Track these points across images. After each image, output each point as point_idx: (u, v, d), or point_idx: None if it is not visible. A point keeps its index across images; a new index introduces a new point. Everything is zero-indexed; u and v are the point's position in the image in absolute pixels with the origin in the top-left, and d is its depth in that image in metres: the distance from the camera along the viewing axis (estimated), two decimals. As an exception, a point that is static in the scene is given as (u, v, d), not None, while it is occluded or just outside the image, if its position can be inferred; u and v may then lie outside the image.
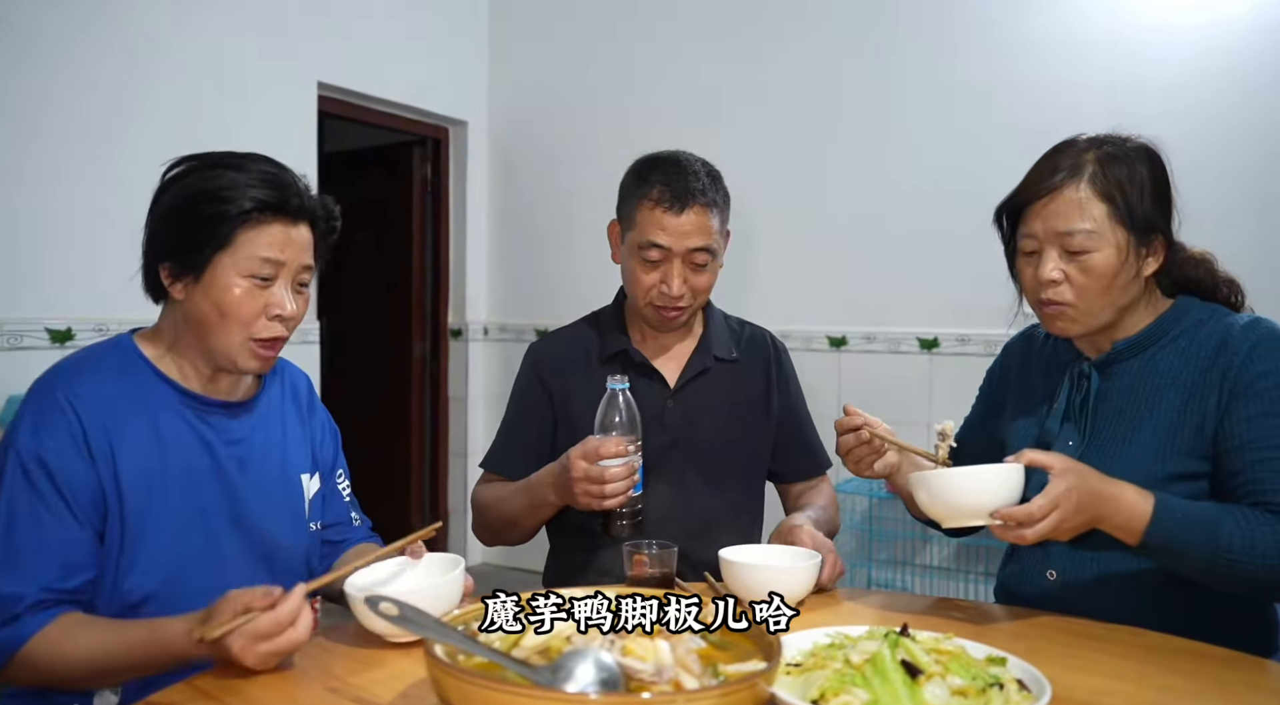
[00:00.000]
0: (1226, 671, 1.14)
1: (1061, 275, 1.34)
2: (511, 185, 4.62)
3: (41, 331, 2.89)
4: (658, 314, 1.71)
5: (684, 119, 4.03)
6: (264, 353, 1.31)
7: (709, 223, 1.66)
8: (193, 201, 1.26)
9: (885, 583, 3.52)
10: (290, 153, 3.58)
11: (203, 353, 1.32)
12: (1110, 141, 1.37)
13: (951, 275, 3.43)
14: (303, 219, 1.31)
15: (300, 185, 1.32)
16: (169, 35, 3.20)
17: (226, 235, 1.25)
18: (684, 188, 1.64)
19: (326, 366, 3.86)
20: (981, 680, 0.95)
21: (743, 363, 1.80)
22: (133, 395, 1.29)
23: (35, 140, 2.85)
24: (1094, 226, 1.31)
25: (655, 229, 1.64)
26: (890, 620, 1.21)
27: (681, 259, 1.65)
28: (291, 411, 1.47)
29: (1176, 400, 1.35)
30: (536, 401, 1.79)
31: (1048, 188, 1.34)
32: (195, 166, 1.30)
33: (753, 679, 0.83)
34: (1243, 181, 3.05)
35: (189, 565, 1.29)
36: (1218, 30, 3.12)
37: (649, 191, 1.66)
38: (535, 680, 0.86)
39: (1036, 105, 3.30)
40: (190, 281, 1.27)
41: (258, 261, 1.26)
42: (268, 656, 1.07)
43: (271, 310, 1.29)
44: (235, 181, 1.26)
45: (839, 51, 3.75)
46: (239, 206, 1.24)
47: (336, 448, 1.56)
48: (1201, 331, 1.37)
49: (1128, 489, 1.24)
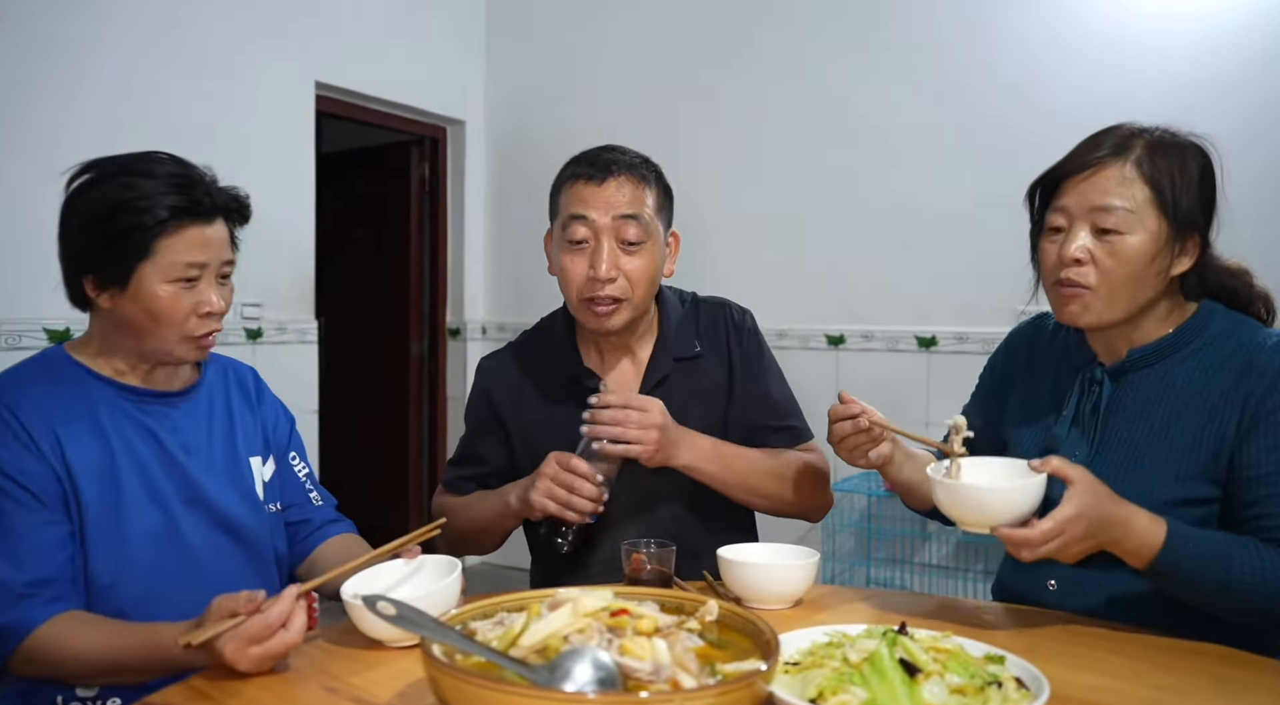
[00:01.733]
0: (1225, 669, 1.14)
1: (1087, 255, 1.28)
2: (509, 184, 4.62)
3: (40, 331, 2.89)
4: (590, 312, 1.56)
5: (681, 117, 4.03)
6: (201, 344, 1.36)
7: (639, 195, 1.55)
8: (108, 214, 1.27)
9: (884, 581, 3.52)
10: (288, 152, 3.64)
11: (137, 351, 1.36)
12: (1163, 131, 1.31)
13: (949, 274, 3.43)
14: (217, 216, 1.33)
15: (209, 183, 1.34)
16: (166, 35, 3.20)
17: (147, 245, 1.27)
18: (606, 160, 1.57)
19: (324, 366, 3.86)
20: (980, 679, 0.95)
21: (705, 355, 1.68)
22: (70, 397, 1.32)
23: (32, 140, 2.85)
24: (1132, 206, 1.25)
25: (577, 201, 1.55)
26: (888, 619, 1.21)
27: (611, 235, 1.53)
28: (238, 400, 1.50)
29: (1194, 422, 1.29)
30: (491, 430, 1.71)
31: (1091, 161, 1.28)
32: (102, 176, 1.31)
33: (751, 678, 0.83)
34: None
35: (153, 545, 1.32)
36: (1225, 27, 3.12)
37: (573, 170, 1.59)
38: (533, 680, 0.86)
39: (1037, 105, 3.30)
40: (116, 292, 1.30)
41: (181, 266, 1.29)
42: (261, 660, 1.07)
43: (201, 308, 1.32)
44: (147, 190, 1.27)
45: (837, 50, 3.75)
46: (155, 216, 1.26)
47: (291, 431, 1.59)
48: (1226, 346, 1.30)
49: (1141, 515, 1.20)
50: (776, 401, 1.70)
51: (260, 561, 1.44)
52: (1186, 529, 1.22)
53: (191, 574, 1.34)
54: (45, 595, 1.21)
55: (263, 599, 1.09)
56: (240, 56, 3.45)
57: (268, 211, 3.57)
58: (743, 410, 1.68)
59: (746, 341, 1.71)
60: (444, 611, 1.13)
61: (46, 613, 1.20)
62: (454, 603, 1.21)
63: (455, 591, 1.22)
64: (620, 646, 0.90)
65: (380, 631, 1.17)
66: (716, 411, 1.67)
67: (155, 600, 1.30)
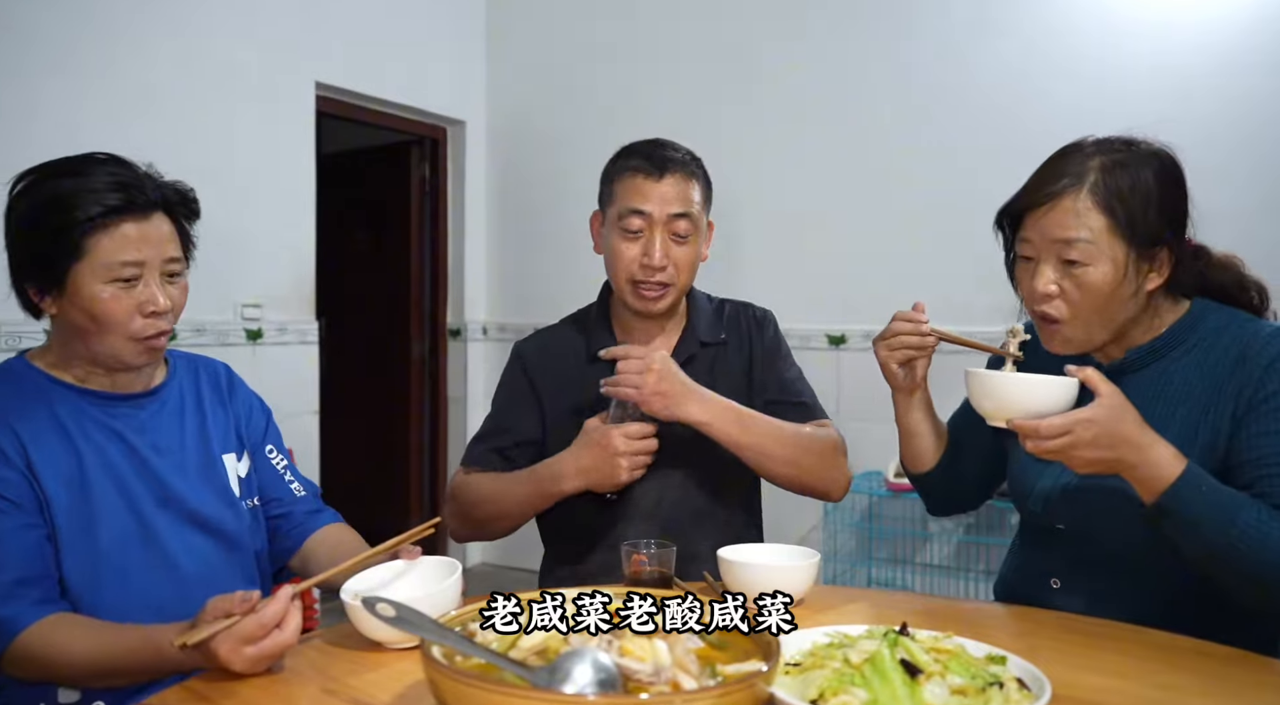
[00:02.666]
0: (1229, 669, 1.13)
1: (1057, 289, 1.29)
2: (510, 185, 4.61)
3: (40, 334, 2.88)
4: (638, 293, 1.68)
5: (682, 118, 4.01)
6: (150, 346, 1.32)
7: (689, 192, 1.67)
8: (37, 215, 1.25)
9: (885, 582, 3.52)
10: (288, 153, 3.64)
11: (90, 357, 1.33)
12: (1118, 146, 1.30)
13: (951, 273, 3.42)
14: (154, 210, 1.29)
15: (144, 178, 1.30)
16: (166, 36, 3.20)
17: (77, 244, 1.23)
18: (663, 157, 1.67)
19: (325, 367, 3.86)
20: (981, 679, 0.94)
21: (729, 344, 1.77)
22: (34, 404, 1.30)
23: (32, 141, 2.84)
24: (1092, 237, 1.26)
25: (635, 195, 1.65)
26: (889, 619, 1.21)
27: (663, 228, 1.65)
28: (210, 397, 1.48)
29: (1189, 415, 1.29)
30: (526, 401, 1.78)
31: (1047, 195, 1.29)
32: (36, 179, 1.29)
33: (751, 679, 0.83)
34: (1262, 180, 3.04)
35: (125, 548, 1.30)
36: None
37: (628, 163, 1.69)
38: (533, 681, 0.85)
39: (1040, 103, 3.30)
40: (56, 295, 1.27)
41: (116, 265, 1.25)
42: (256, 660, 1.07)
43: (145, 308, 1.28)
44: (77, 188, 1.24)
45: (838, 50, 3.75)
46: (85, 213, 1.23)
47: (267, 423, 1.56)
48: (1220, 340, 1.31)
49: (1164, 447, 1.19)
50: (791, 381, 1.78)
51: (241, 559, 1.42)
52: (1204, 474, 1.20)
53: (170, 575, 1.33)
54: (32, 596, 1.20)
55: (257, 599, 1.08)
56: (240, 57, 3.45)
57: (268, 212, 3.61)
58: (760, 394, 1.75)
59: (769, 336, 1.81)
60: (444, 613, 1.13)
61: (36, 613, 1.19)
62: (454, 604, 1.21)
63: (455, 593, 1.21)
64: (620, 648, 0.89)
65: (380, 633, 1.16)
66: (738, 397, 1.70)
67: (132, 604, 1.28)
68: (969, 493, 1.63)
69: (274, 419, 1.59)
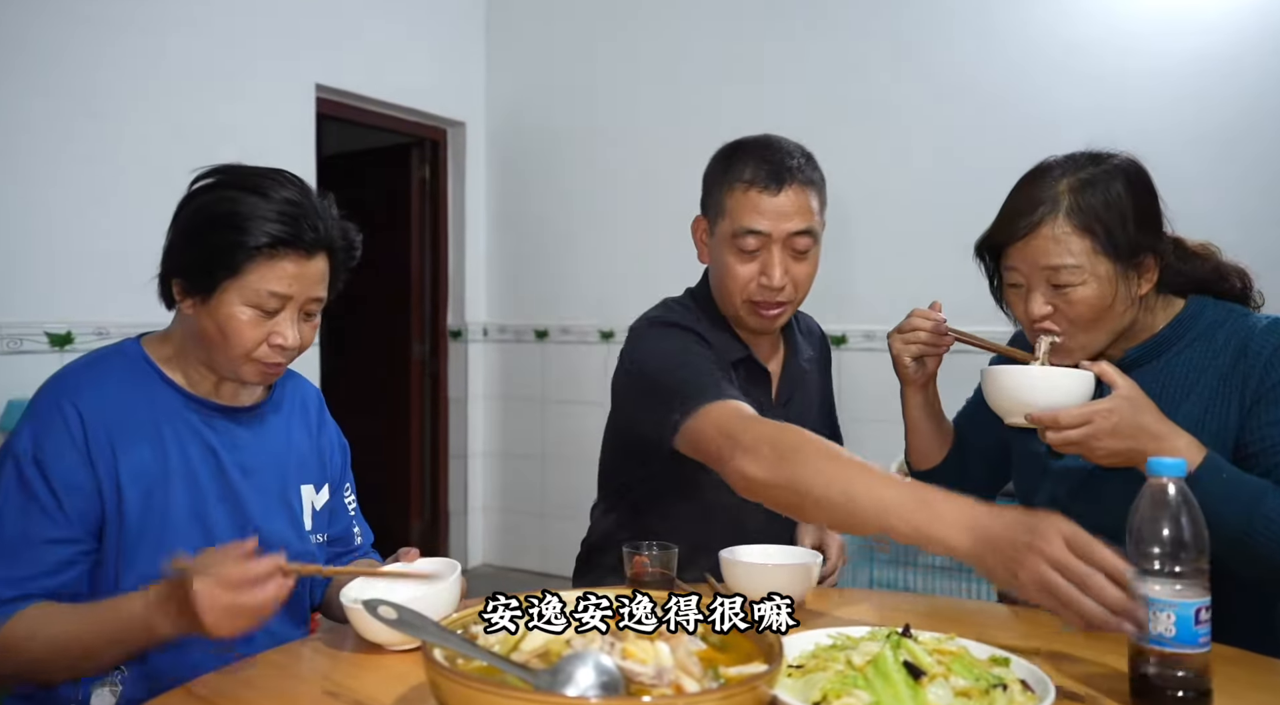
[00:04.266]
0: (1232, 669, 1.13)
1: (1051, 310, 1.32)
2: (510, 186, 4.61)
3: (41, 335, 2.89)
4: (755, 313, 1.56)
5: (682, 119, 4.02)
6: (266, 372, 1.32)
7: (809, 202, 1.52)
8: (209, 225, 1.25)
9: (887, 582, 3.51)
10: (288, 155, 3.63)
11: (206, 363, 1.33)
12: (1084, 163, 1.32)
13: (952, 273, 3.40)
14: (319, 250, 1.30)
15: (321, 214, 1.30)
16: (167, 37, 3.20)
17: (238, 265, 1.24)
18: (779, 165, 1.51)
19: (326, 368, 3.86)
20: (985, 681, 0.94)
21: (818, 362, 1.77)
22: (138, 401, 1.29)
23: (34, 143, 2.84)
24: (1077, 260, 1.28)
25: (751, 213, 1.50)
26: (892, 620, 1.20)
27: (781, 245, 1.51)
28: (299, 423, 1.47)
29: (1194, 410, 1.30)
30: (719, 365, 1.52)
31: (1025, 227, 1.30)
32: (219, 184, 1.29)
33: (754, 681, 0.83)
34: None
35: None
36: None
37: (741, 173, 1.52)
38: (535, 684, 0.85)
39: (1045, 103, 3.29)
40: (199, 301, 1.27)
41: (265, 294, 1.26)
42: (229, 611, 1.05)
43: (273, 340, 1.29)
44: (254, 210, 1.24)
45: (840, 49, 3.75)
46: (255, 240, 1.23)
47: (345, 463, 1.55)
48: (1219, 334, 1.32)
49: (1181, 436, 1.20)
50: (833, 408, 1.81)
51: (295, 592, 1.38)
52: (1223, 462, 1.21)
53: None
54: (21, 605, 1.18)
55: (253, 549, 1.08)
56: (241, 59, 3.45)
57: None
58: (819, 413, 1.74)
59: (827, 350, 1.84)
60: (445, 614, 1.13)
61: (14, 609, 1.17)
62: (454, 603, 1.21)
63: (455, 593, 1.21)
64: (623, 650, 0.89)
65: (381, 635, 1.16)
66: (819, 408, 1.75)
67: None
68: (974, 491, 1.62)
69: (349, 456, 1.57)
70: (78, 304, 2.93)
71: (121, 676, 1.25)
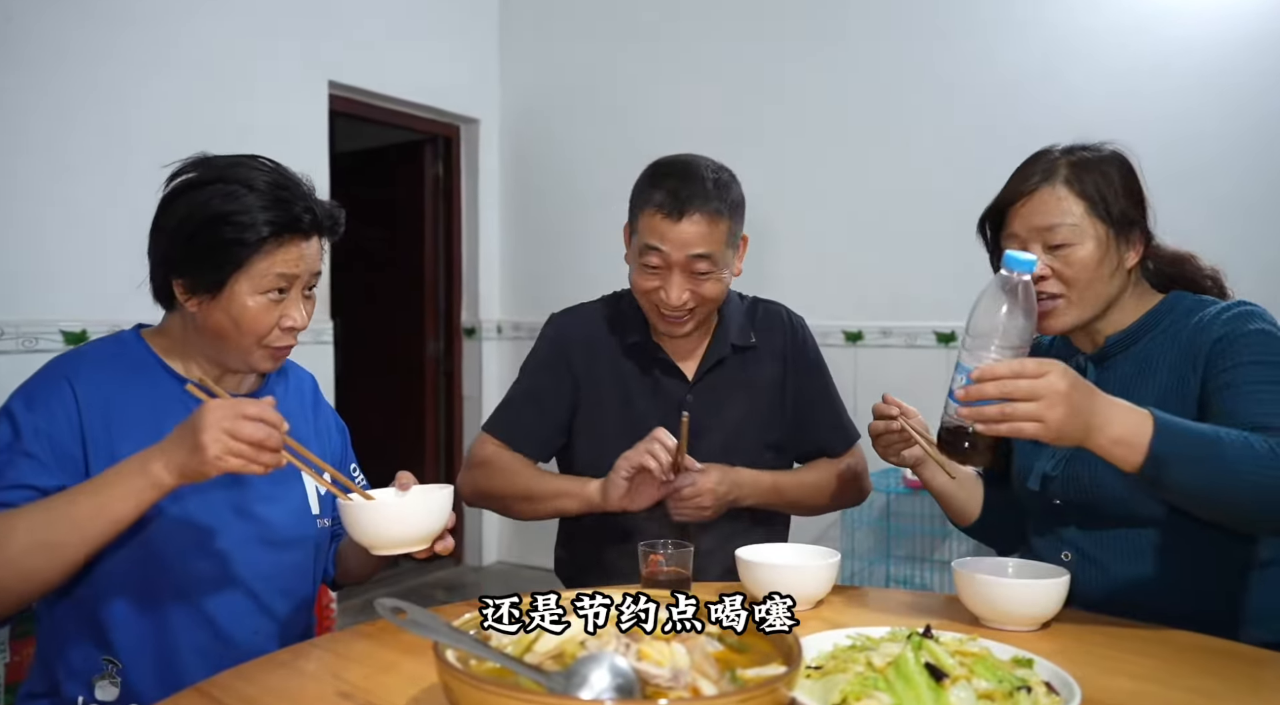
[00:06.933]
0: (1260, 671, 1.11)
1: (1048, 270, 1.37)
2: (523, 183, 4.60)
3: (56, 333, 2.90)
4: (662, 321, 1.68)
5: (697, 117, 4.01)
6: (277, 355, 1.36)
7: (711, 231, 1.59)
8: (207, 225, 1.26)
9: (904, 579, 3.49)
10: (301, 152, 3.64)
11: (211, 357, 1.35)
12: (1082, 149, 1.41)
13: (967, 269, 3.37)
14: (314, 232, 1.33)
15: (307, 197, 1.32)
16: (179, 34, 3.20)
17: (244, 259, 1.27)
18: (685, 195, 1.58)
19: (340, 366, 3.86)
20: (1008, 683, 0.92)
21: (760, 347, 1.77)
22: (139, 392, 1.31)
23: (46, 140, 2.85)
24: (1074, 220, 1.35)
25: (654, 235, 1.60)
26: (912, 620, 1.18)
27: (681, 268, 1.60)
28: (296, 409, 1.48)
29: (1163, 383, 1.36)
30: (560, 377, 1.76)
31: (1025, 190, 1.39)
32: (201, 180, 1.29)
33: (772, 683, 0.81)
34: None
35: (191, 554, 1.29)
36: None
37: (651, 197, 1.62)
38: (549, 686, 0.84)
39: (1054, 103, 3.27)
40: (207, 298, 1.29)
41: (274, 278, 1.29)
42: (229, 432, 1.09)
43: (284, 322, 1.32)
44: (249, 205, 1.26)
45: (854, 48, 3.73)
46: (257, 234, 1.26)
47: (345, 444, 1.57)
48: (1190, 320, 1.38)
49: (1119, 403, 1.15)
50: (832, 399, 1.83)
51: (297, 572, 1.40)
52: (1170, 416, 1.16)
53: (225, 581, 1.31)
54: None
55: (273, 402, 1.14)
56: (254, 56, 3.45)
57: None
58: (796, 406, 1.78)
59: (801, 341, 1.81)
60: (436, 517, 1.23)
61: None
62: (445, 513, 1.26)
63: (446, 504, 1.25)
64: (638, 652, 0.87)
65: (369, 535, 1.20)
66: (764, 404, 1.76)
67: (182, 606, 1.27)
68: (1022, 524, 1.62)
69: (349, 438, 1.58)
70: (92, 302, 2.94)
71: (118, 670, 1.26)
